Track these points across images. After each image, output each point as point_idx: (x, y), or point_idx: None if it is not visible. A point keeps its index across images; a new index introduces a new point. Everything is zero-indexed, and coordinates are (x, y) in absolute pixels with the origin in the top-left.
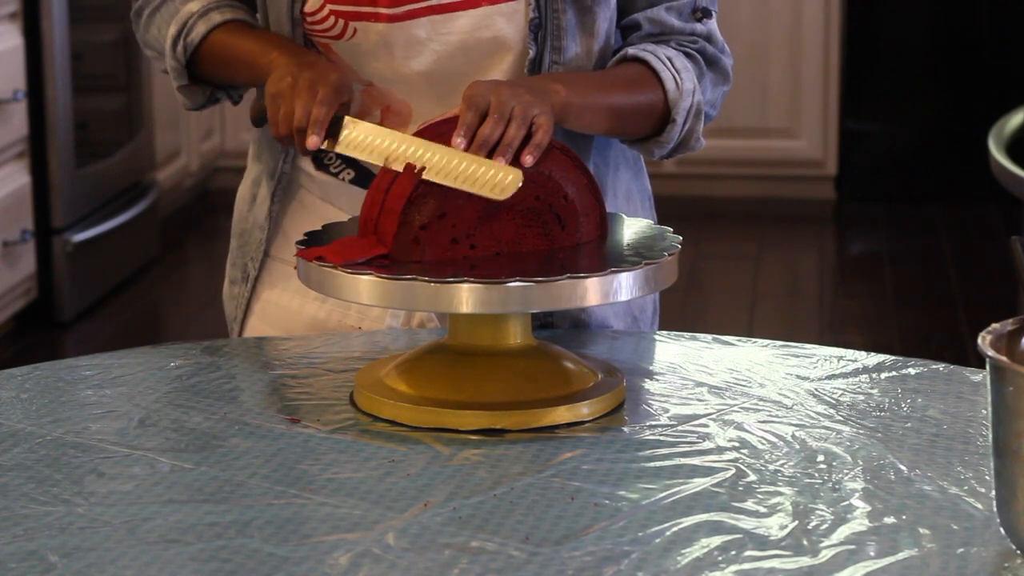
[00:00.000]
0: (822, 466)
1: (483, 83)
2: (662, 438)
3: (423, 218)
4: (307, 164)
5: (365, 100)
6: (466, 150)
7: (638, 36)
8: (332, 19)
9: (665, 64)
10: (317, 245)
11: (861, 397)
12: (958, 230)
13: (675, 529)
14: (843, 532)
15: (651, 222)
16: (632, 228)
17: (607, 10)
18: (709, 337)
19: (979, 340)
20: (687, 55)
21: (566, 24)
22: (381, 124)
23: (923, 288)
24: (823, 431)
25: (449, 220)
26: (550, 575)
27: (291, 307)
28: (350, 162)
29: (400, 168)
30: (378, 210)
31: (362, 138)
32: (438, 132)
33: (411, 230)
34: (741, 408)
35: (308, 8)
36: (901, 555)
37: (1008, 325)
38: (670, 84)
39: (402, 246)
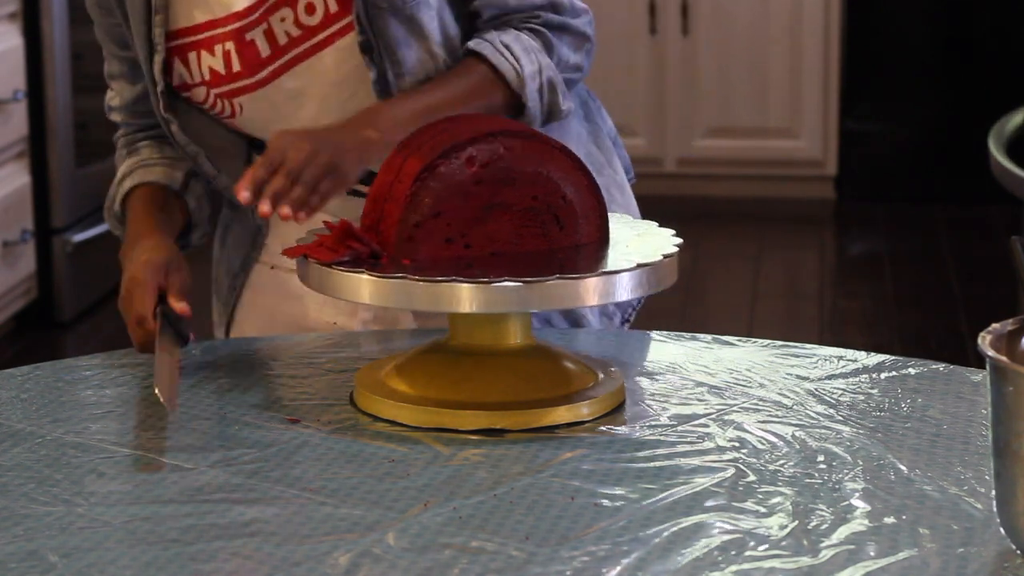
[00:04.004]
0: (822, 466)
1: (286, 135)
2: (662, 438)
3: (417, 216)
4: None
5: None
6: (249, 203)
7: (481, 22)
8: (220, 103)
9: (503, 55)
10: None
11: (861, 397)
12: (958, 230)
13: (675, 529)
14: (843, 532)
15: (654, 223)
16: (633, 229)
17: (430, 10)
18: (709, 337)
19: (979, 340)
20: (531, 31)
21: (393, 37)
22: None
23: (923, 288)
24: (823, 431)
25: (444, 219)
26: (550, 575)
27: (268, 306)
28: None
29: None
30: (380, 209)
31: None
32: (420, 142)
33: (406, 228)
34: (741, 408)
35: (197, 99)
36: (901, 555)
37: (1008, 325)
38: (510, 75)
39: (397, 244)
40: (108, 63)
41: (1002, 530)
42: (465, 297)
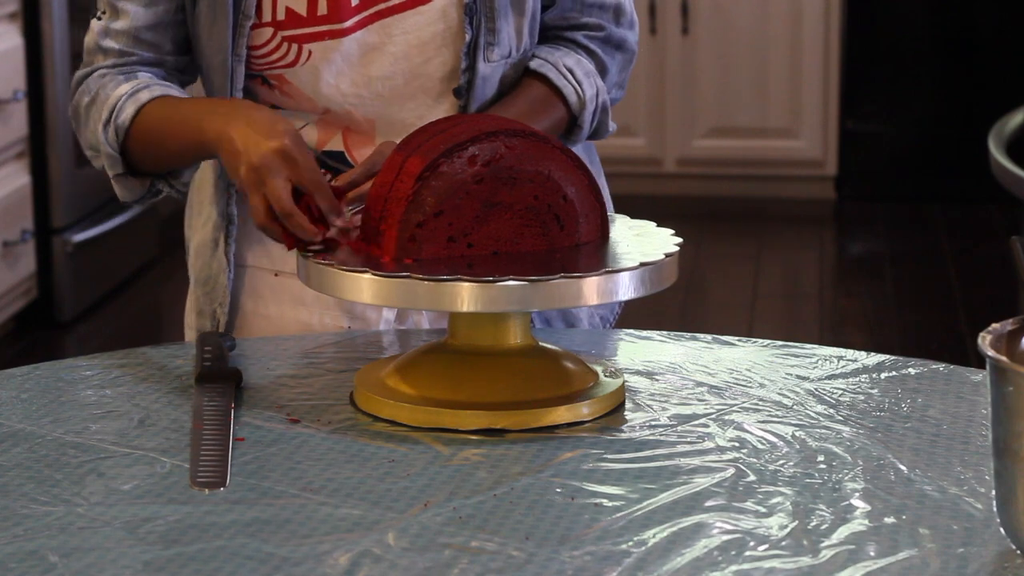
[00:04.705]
0: (822, 466)
1: (391, 146)
2: (662, 438)
3: (420, 216)
4: None
5: (321, 129)
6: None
7: (549, 17)
8: (285, 47)
9: (566, 77)
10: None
11: (861, 397)
12: (958, 230)
13: (675, 529)
14: (843, 532)
15: (653, 223)
16: (633, 229)
17: None
18: (709, 337)
19: (979, 340)
20: (588, 52)
21: (499, 5)
22: (345, 145)
23: (923, 288)
24: (823, 431)
25: (446, 218)
26: (550, 575)
27: (273, 315)
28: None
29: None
30: (381, 208)
31: None
32: (420, 141)
33: (408, 228)
34: (741, 408)
35: (256, 42)
36: (901, 555)
37: (1008, 325)
38: (572, 98)
39: (399, 243)
40: None
41: (1002, 530)
42: (466, 296)
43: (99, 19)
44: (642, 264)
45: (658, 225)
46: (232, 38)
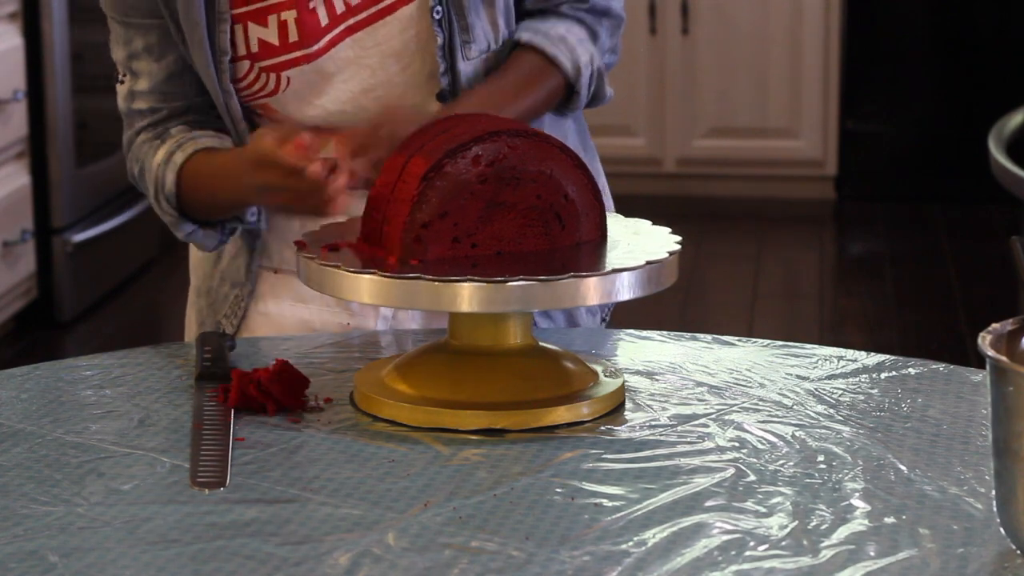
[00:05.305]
0: (822, 466)
1: (404, 110)
2: (662, 438)
3: (425, 216)
4: None
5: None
6: (343, 157)
7: (530, 1)
8: (263, 77)
9: (558, 46)
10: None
11: (861, 397)
12: (958, 230)
13: (675, 529)
14: (843, 532)
15: (651, 223)
16: (632, 228)
17: None
18: (709, 337)
19: (979, 340)
20: (577, 21)
21: (467, 2)
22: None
23: (923, 288)
24: (823, 431)
25: (451, 219)
26: (550, 575)
27: (273, 313)
28: None
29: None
30: (383, 210)
31: None
32: (422, 142)
33: (413, 228)
34: (741, 408)
35: (237, 75)
36: (901, 555)
37: (1008, 325)
38: (567, 65)
39: (404, 245)
40: (126, 44)
41: (1002, 530)
42: (467, 296)
43: (121, 82)
44: (642, 264)
45: (655, 224)
46: (216, 74)
